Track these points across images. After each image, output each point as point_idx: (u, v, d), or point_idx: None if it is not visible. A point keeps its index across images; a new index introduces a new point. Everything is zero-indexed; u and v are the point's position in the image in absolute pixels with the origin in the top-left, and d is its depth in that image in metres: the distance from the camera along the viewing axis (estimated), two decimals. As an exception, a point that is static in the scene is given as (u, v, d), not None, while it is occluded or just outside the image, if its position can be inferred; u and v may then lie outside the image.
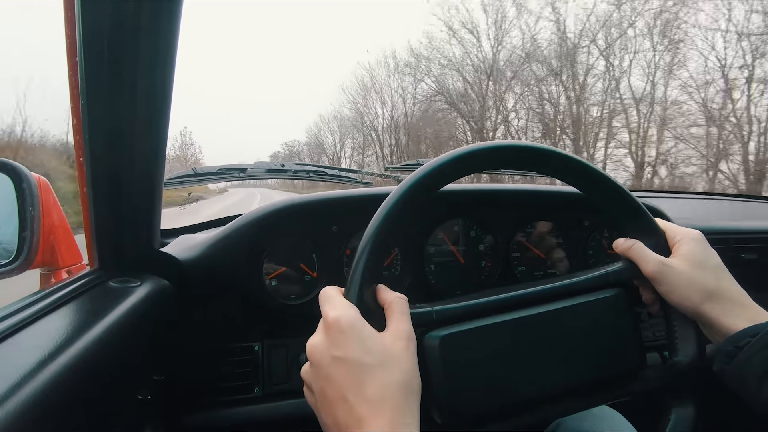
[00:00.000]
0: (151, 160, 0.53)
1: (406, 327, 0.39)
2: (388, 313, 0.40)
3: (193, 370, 0.75)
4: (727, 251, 1.01)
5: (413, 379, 0.37)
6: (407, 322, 0.40)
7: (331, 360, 0.36)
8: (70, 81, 0.48)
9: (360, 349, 0.36)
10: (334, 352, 0.36)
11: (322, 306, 0.40)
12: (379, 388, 0.34)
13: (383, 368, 0.35)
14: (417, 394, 0.37)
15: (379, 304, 0.42)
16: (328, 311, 0.38)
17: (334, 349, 0.36)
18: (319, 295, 0.41)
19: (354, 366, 0.35)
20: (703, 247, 0.48)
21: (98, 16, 0.40)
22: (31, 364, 0.34)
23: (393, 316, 0.40)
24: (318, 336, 0.38)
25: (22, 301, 0.47)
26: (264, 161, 1.05)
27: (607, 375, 0.47)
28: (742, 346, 0.41)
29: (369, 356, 0.36)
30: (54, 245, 0.68)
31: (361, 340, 0.36)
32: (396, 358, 0.36)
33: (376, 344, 0.37)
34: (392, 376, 0.35)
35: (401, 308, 0.40)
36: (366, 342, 0.36)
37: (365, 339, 0.37)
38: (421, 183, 0.43)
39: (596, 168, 0.49)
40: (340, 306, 0.38)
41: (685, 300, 0.45)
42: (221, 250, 0.74)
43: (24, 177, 0.62)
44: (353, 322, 0.37)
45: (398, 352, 0.37)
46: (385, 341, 0.37)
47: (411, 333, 0.39)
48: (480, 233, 0.90)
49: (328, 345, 0.37)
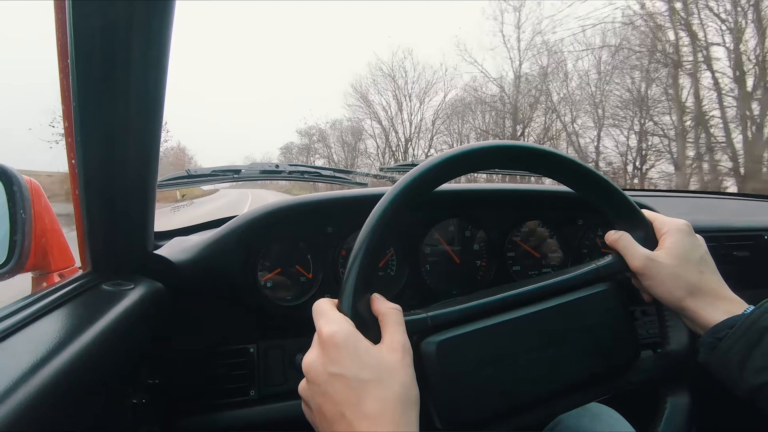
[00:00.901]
0: (144, 161, 0.53)
1: (402, 338, 0.39)
2: (382, 324, 0.40)
3: (188, 373, 0.75)
4: (719, 249, 1.02)
5: (411, 390, 0.37)
6: (402, 333, 0.39)
7: (327, 377, 0.36)
8: (61, 83, 0.47)
9: (356, 364, 0.36)
10: (330, 368, 0.36)
11: (316, 320, 0.39)
12: (377, 403, 0.34)
13: (380, 383, 0.35)
14: (416, 404, 0.37)
15: (374, 315, 0.41)
16: (323, 326, 0.38)
17: (330, 365, 0.36)
18: (313, 308, 0.41)
19: (351, 382, 0.35)
20: (689, 238, 0.49)
21: (90, 17, 0.40)
22: (23, 369, 0.34)
23: (388, 328, 0.40)
24: (313, 352, 0.38)
25: (13, 304, 0.46)
26: (258, 162, 1.05)
27: (604, 368, 0.47)
28: (721, 338, 0.43)
29: (365, 371, 0.35)
30: (46, 248, 0.67)
31: (356, 354, 0.36)
32: (392, 372, 0.36)
33: (372, 358, 0.36)
34: (390, 390, 0.35)
35: (396, 319, 0.40)
36: (362, 357, 0.36)
37: (361, 354, 0.36)
38: (415, 183, 0.43)
39: (583, 162, 0.49)
40: (335, 320, 0.38)
41: (669, 295, 0.47)
42: (216, 252, 0.74)
43: (15, 180, 0.62)
44: (348, 337, 0.37)
45: (394, 365, 0.37)
46: (381, 354, 0.37)
47: (407, 344, 0.39)
48: (475, 233, 0.90)
49: (323, 361, 0.36)
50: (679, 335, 0.48)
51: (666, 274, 0.47)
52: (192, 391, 0.75)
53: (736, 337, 0.42)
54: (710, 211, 1.32)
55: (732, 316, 0.44)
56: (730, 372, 0.43)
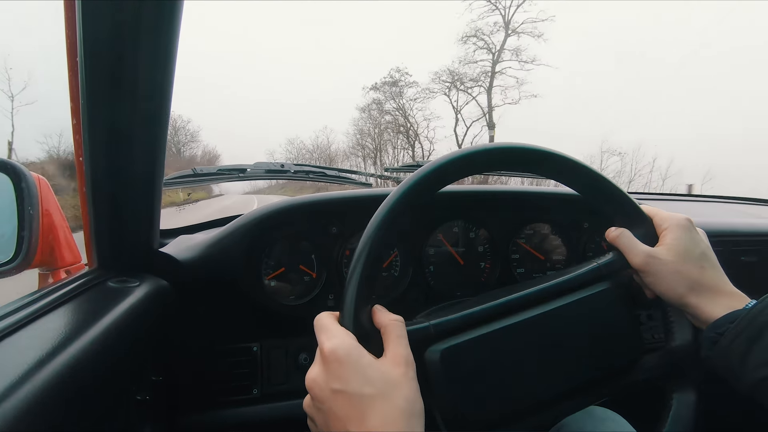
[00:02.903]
0: (151, 159, 0.53)
1: (404, 351, 0.39)
2: (385, 337, 0.40)
3: (192, 371, 0.75)
4: (725, 254, 1.01)
5: (415, 404, 0.36)
6: (405, 347, 0.39)
7: (330, 393, 0.36)
8: (70, 81, 0.48)
9: (359, 379, 0.35)
10: (333, 384, 0.36)
11: (318, 335, 0.39)
12: (381, 418, 0.34)
13: (384, 398, 0.35)
14: (420, 417, 0.36)
15: (376, 327, 0.41)
16: (324, 341, 0.38)
17: (333, 381, 0.36)
18: (314, 322, 0.41)
19: (354, 398, 0.35)
20: (689, 234, 0.48)
21: (99, 16, 0.40)
22: (29, 364, 0.34)
23: (390, 341, 0.39)
24: (316, 368, 0.38)
25: (20, 300, 0.47)
26: (263, 162, 1.05)
27: (609, 367, 0.47)
28: (722, 333, 0.43)
29: (369, 386, 0.35)
30: (53, 245, 0.68)
31: (359, 370, 0.36)
32: (396, 386, 0.36)
33: (375, 372, 0.36)
34: (393, 405, 0.35)
35: (398, 331, 0.40)
36: (365, 372, 0.36)
37: (364, 368, 0.36)
38: (420, 184, 0.43)
39: (583, 162, 0.49)
40: (336, 335, 0.38)
41: (671, 291, 0.47)
42: (220, 251, 0.74)
43: (23, 176, 0.62)
44: (350, 352, 0.37)
45: (398, 379, 0.36)
46: (384, 368, 0.37)
47: (409, 357, 0.39)
48: (479, 234, 0.90)
49: (326, 378, 0.36)
50: (683, 331, 0.48)
51: (667, 271, 0.46)
52: (195, 388, 0.75)
53: (737, 332, 0.42)
54: (716, 215, 1.31)
55: (733, 310, 0.44)
56: (731, 366, 0.42)
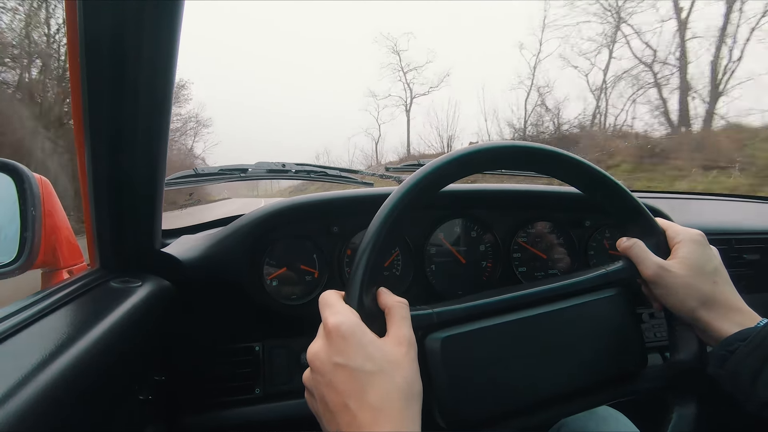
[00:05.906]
0: (152, 160, 0.53)
1: (407, 332, 0.39)
2: (388, 317, 0.40)
3: (194, 371, 0.75)
4: (729, 252, 1.01)
5: (415, 384, 0.37)
6: (408, 328, 0.40)
7: (332, 367, 0.36)
8: (71, 81, 0.48)
9: (361, 355, 0.36)
10: (335, 358, 0.36)
11: (322, 311, 0.39)
12: (380, 395, 0.34)
13: (384, 375, 0.35)
14: (418, 399, 0.37)
15: (380, 308, 0.41)
16: (329, 317, 0.38)
17: (335, 355, 0.36)
18: (319, 299, 0.41)
19: (355, 373, 0.35)
20: (703, 249, 0.48)
21: (100, 16, 0.40)
22: (33, 364, 0.34)
23: (393, 321, 0.40)
24: (318, 342, 0.38)
25: (23, 301, 0.47)
26: (264, 162, 1.04)
27: (610, 374, 0.47)
28: (733, 350, 0.42)
29: (370, 363, 0.36)
30: (55, 245, 0.68)
31: (362, 346, 0.36)
32: (397, 365, 0.36)
33: (377, 350, 0.37)
34: (393, 383, 0.35)
35: (402, 313, 0.40)
36: (367, 348, 0.36)
37: (366, 345, 0.36)
38: (422, 183, 0.43)
39: (596, 167, 0.49)
40: (341, 311, 0.38)
41: (681, 305, 0.46)
42: (222, 251, 0.74)
43: (25, 177, 0.62)
44: (354, 328, 0.37)
45: (399, 358, 0.37)
46: (386, 347, 0.37)
47: (412, 338, 0.39)
48: (481, 233, 0.90)
49: (328, 352, 0.37)
50: (688, 345, 0.48)
51: (679, 284, 0.46)
52: (197, 388, 0.75)
53: (748, 351, 0.41)
54: (720, 213, 1.31)
55: (745, 328, 0.43)
56: (741, 385, 0.42)
